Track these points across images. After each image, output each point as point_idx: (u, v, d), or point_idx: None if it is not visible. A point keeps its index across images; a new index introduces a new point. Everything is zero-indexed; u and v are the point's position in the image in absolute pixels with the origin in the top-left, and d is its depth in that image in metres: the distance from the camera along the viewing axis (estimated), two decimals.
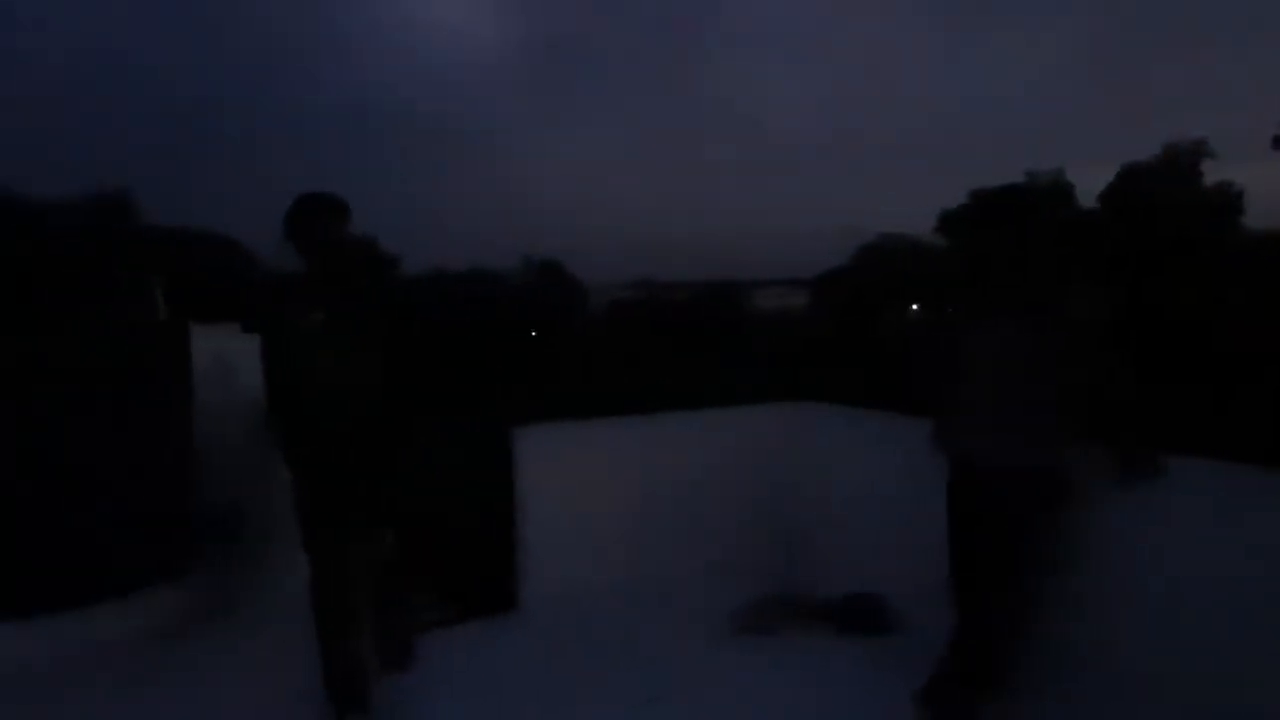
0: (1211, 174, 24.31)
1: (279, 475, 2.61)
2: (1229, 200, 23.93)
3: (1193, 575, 2.32)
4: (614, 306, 42.53)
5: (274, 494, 3.17)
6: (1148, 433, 2.40)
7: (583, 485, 3.42)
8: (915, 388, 3.15)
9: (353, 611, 2.55)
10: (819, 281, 40.98)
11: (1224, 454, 2.47)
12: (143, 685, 2.89)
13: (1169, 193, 22.70)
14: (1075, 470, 2.47)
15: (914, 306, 29.15)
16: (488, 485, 3.36)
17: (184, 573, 3.62)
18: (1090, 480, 2.47)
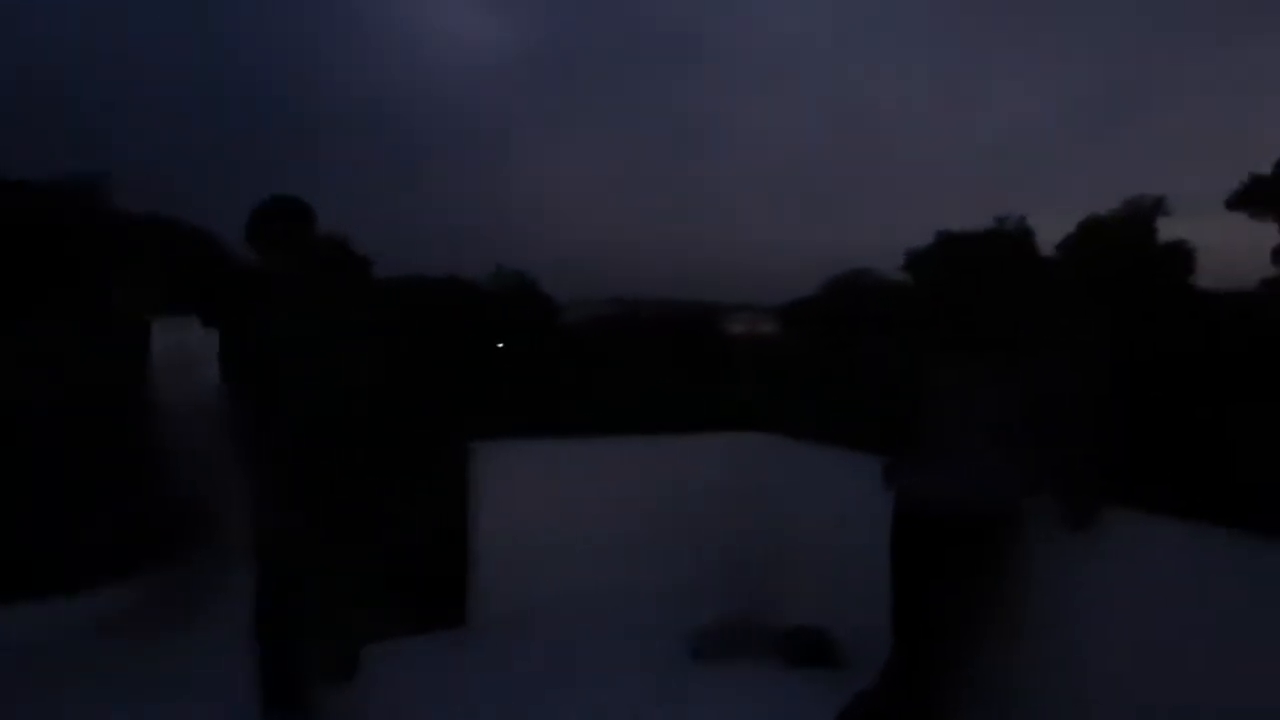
0: (1167, 230, 25.24)
1: (235, 474, 2.59)
2: (1181, 257, 24.81)
3: (1127, 627, 2.38)
4: (585, 322, 42.54)
5: (231, 493, 3.14)
6: (1100, 483, 2.46)
7: (538, 504, 3.44)
8: (874, 423, 3.22)
9: (296, 618, 2.53)
10: (787, 310, 41.58)
11: (1176, 510, 2.52)
12: (87, 681, 2.84)
13: (1126, 246, 23.46)
14: (1023, 515, 2.54)
15: (877, 342, 29.58)
16: (441, 497, 3.36)
17: (140, 570, 3.56)
18: (1034, 525, 2.54)
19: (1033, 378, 2.44)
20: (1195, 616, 2.16)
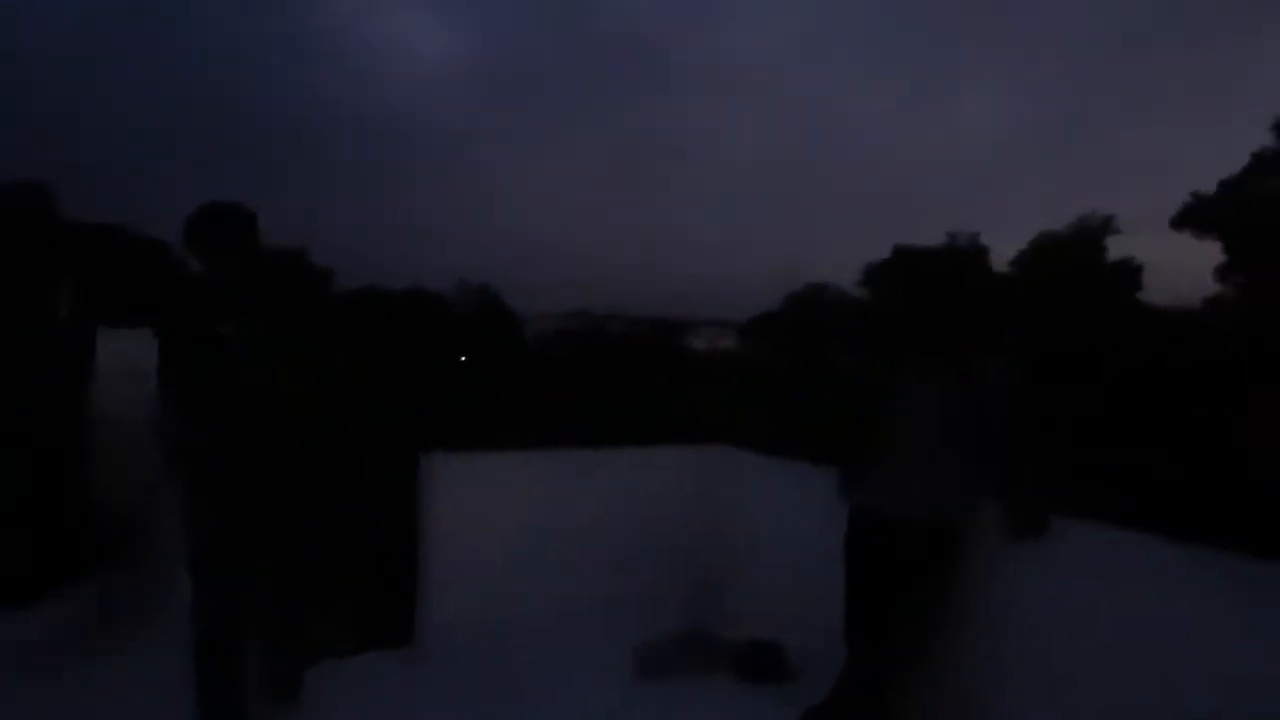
0: (1116, 249, 26.07)
1: (175, 486, 2.50)
2: (1129, 274, 25.61)
3: (1074, 633, 2.41)
4: (549, 336, 42.48)
5: (172, 505, 3.04)
6: (1044, 494, 2.48)
7: (490, 517, 3.38)
8: (831, 434, 3.23)
9: (237, 636, 2.44)
10: (748, 326, 42.03)
11: (1116, 519, 2.56)
12: (25, 694, 2.73)
13: (1076, 263, 24.16)
14: (972, 527, 2.57)
15: (838, 357, 30.01)
16: (391, 512, 3.29)
17: (75, 583, 3.42)
18: (983, 536, 2.57)
19: (982, 390, 2.47)
20: (1140, 623, 2.20)
